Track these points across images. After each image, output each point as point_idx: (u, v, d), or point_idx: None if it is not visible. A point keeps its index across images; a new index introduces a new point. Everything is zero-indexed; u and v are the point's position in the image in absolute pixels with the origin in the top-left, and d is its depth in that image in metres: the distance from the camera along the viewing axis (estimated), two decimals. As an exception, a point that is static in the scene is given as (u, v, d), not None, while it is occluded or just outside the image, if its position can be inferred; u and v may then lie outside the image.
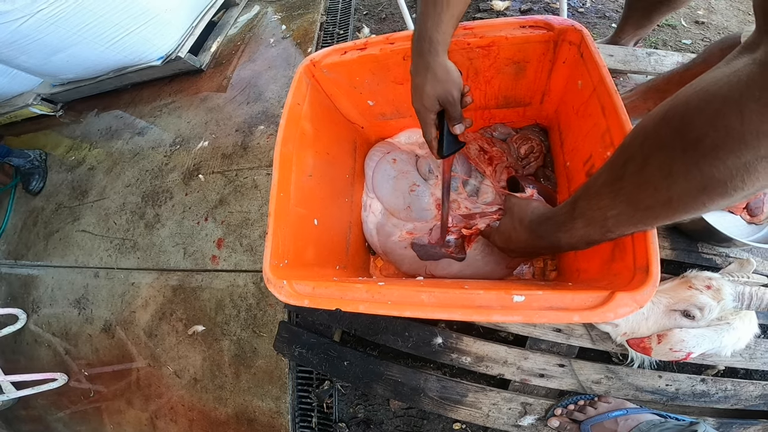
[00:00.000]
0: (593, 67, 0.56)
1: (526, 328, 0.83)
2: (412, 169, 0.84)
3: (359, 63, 0.70)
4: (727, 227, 0.70)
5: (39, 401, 1.56)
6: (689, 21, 1.25)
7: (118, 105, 1.80)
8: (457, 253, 0.75)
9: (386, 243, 0.82)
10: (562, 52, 0.63)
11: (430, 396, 0.87)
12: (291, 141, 0.66)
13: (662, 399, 0.80)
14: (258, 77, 1.50)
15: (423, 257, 0.79)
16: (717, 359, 0.80)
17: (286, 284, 0.56)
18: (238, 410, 1.17)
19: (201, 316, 1.25)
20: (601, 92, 0.55)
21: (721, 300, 0.65)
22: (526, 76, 0.70)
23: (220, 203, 1.34)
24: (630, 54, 0.98)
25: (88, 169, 1.70)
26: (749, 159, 0.29)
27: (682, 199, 0.35)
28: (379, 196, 0.85)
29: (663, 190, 0.36)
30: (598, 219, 0.44)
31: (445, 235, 0.77)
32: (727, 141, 0.30)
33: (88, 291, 1.48)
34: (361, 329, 0.92)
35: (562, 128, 0.74)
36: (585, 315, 0.45)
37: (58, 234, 1.64)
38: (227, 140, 1.43)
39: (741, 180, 0.31)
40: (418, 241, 0.79)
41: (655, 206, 0.38)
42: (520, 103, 0.77)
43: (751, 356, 0.79)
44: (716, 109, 0.30)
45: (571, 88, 0.65)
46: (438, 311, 0.49)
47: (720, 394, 0.79)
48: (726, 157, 0.30)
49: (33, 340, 1.58)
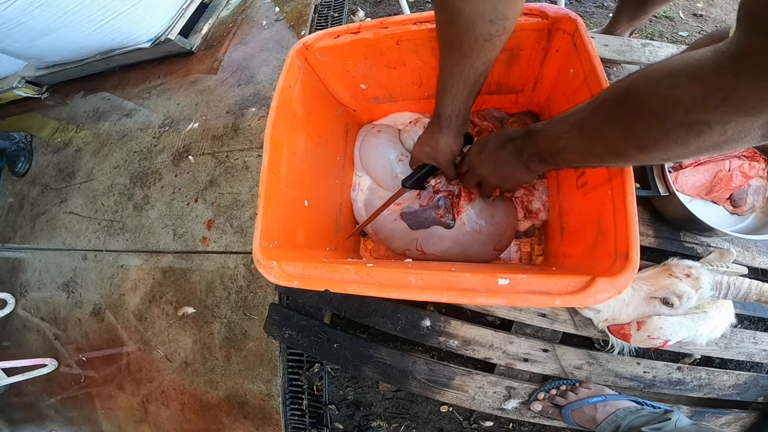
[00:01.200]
0: (585, 56, 0.57)
1: (512, 313, 0.85)
2: (397, 142, 0.85)
3: (352, 47, 0.70)
4: (709, 217, 0.71)
5: (30, 388, 1.55)
6: (687, 13, 1.25)
7: (105, 87, 1.76)
8: (446, 217, 0.76)
9: (376, 219, 0.83)
10: (556, 40, 0.63)
11: (418, 379, 0.89)
12: (282, 123, 0.66)
13: (640, 386, 0.82)
14: (250, 60, 1.48)
15: (413, 225, 0.79)
16: (693, 348, 0.82)
17: (275, 265, 0.56)
18: (230, 393, 1.18)
19: (191, 299, 1.25)
20: (591, 81, 0.56)
21: (700, 289, 0.67)
22: (519, 64, 0.70)
23: (211, 184, 1.33)
24: (625, 44, 0.98)
25: (74, 151, 1.67)
26: (666, 123, 0.36)
27: (612, 141, 0.43)
28: (366, 167, 0.86)
29: (602, 129, 0.44)
30: (554, 135, 0.52)
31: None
32: (652, 102, 0.36)
33: (76, 274, 1.46)
34: (351, 311, 0.94)
35: (553, 115, 0.74)
36: (566, 299, 0.47)
37: (45, 216, 1.61)
38: (218, 122, 1.41)
39: (654, 138, 0.38)
40: (407, 209, 0.80)
41: (593, 139, 0.46)
42: (513, 89, 0.78)
43: (726, 346, 0.82)
44: (659, 76, 0.36)
45: (563, 77, 0.65)
46: (425, 293, 0.50)
47: (695, 382, 0.82)
48: (647, 116, 0.37)
49: (22, 325, 1.56)
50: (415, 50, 0.69)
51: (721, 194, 0.78)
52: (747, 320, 0.87)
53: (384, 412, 1.03)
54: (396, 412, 1.02)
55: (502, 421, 0.95)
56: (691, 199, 0.81)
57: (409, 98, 0.84)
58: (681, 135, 0.35)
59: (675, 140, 0.36)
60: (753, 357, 0.82)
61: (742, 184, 0.77)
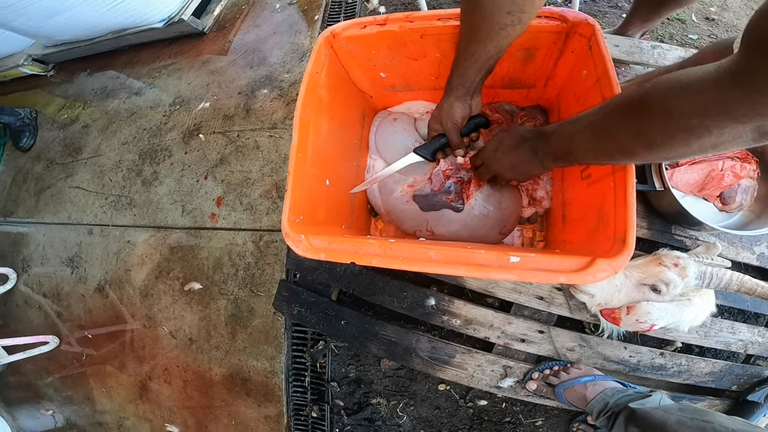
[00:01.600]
0: (600, 59, 0.61)
1: (512, 294, 0.91)
2: (412, 129, 0.89)
3: (378, 38, 0.73)
4: (699, 212, 0.78)
5: (28, 366, 1.55)
6: (700, 17, 1.27)
7: (113, 66, 1.75)
8: (455, 202, 0.81)
9: (389, 200, 0.88)
10: (572, 42, 0.67)
11: (421, 356, 0.94)
12: (310, 107, 0.69)
13: (625, 369, 0.89)
14: (262, 42, 1.49)
15: (424, 208, 0.84)
16: (676, 334, 0.88)
17: (303, 238, 0.60)
18: (233, 370, 1.21)
19: (198, 275, 1.27)
20: (604, 83, 0.60)
21: (686, 277, 0.72)
22: (534, 62, 0.74)
23: (221, 162, 1.35)
24: (635, 46, 1.02)
25: (81, 127, 1.67)
26: (671, 126, 0.42)
27: (624, 140, 0.49)
28: (381, 152, 0.90)
29: (614, 131, 0.50)
30: (567, 135, 0.57)
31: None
32: (662, 108, 0.42)
33: (81, 249, 1.47)
34: (359, 289, 0.98)
35: (562, 111, 0.79)
36: (569, 277, 0.52)
37: (50, 190, 1.61)
38: (229, 102, 1.42)
39: (661, 139, 0.44)
40: (419, 191, 0.85)
41: (606, 139, 0.51)
42: (525, 85, 0.82)
43: (706, 334, 0.88)
44: (670, 86, 0.42)
45: (576, 77, 0.70)
46: (444, 266, 0.54)
47: (675, 368, 0.88)
48: (655, 119, 0.43)
49: (23, 301, 1.56)
50: (437, 44, 0.73)
51: (712, 192, 0.84)
52: (727, 311, 0.93)
53: (384, 390, 1.08)
54: (395, 390, 1.07)
55: (496, 400, 1.01)
56: (684, 195, 0.87)
57: (425, 88, 0.88)
58: (684, 137, 0.42)
59: (679, 141, 0.43)
60: (730, 346, 0.88)
61: (733, 183, 0.83)
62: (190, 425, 1.29)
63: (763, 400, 0.87)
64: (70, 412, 1.52)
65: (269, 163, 1.29)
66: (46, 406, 1.55)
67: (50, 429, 1.57)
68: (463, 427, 1.03)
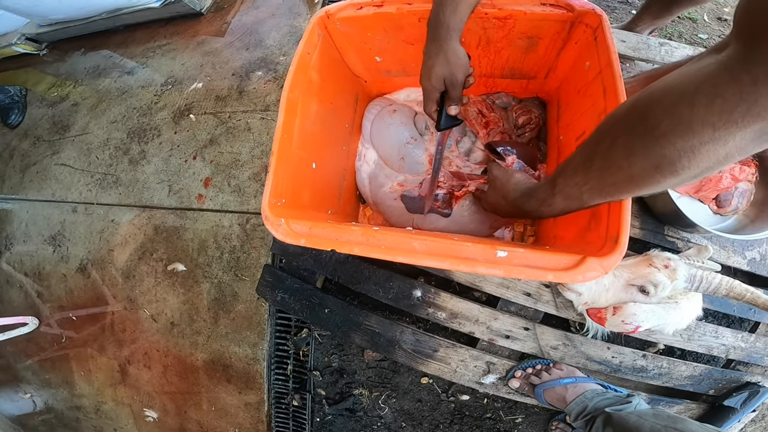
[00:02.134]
0: (604, 51, 0.59)
1: (499, 290, 0.90)
2: (410, 124, 0.87)
3: (374, 19, 0.71)
4: (694, 214, 0.76)
5: (7, 348, 1.53)
6: (712, 17, 1.24)
7: (107, 45, 1.71)
8: (443, 209, 0.79)
9: (377, 193, 0.86)
10: (577, 32, 0.65)
11: (404, 348, 0.93)
12: (298, 87, 0.67)
13: (607, 370, 0.88)
14: (260, 24, 1.46)
15: (411, 210, 0.83)
16: (660, 336, 0.88)
17: (283, 222, 0.58)
18: (214, 356, 1.20)
19: (182, 257, 1.25)
20: (606, 76, 0.58)
21: (675, 280, 0.71)
22: (536, 51, 0.72)
23: (211, 143, 1.33)
24: (642, 42, 1.00)
25: (71, 105, 1.63)
26: (695, 143, 0.35)
27: (641, 176, 0.41)
28: (375, 144, 0.88)
29: (625, 168, 0.41)
30: (575, 194, 0.50)
31: (433, 190, 0.82)
32: (678, 127, 0.35)
33: (64, 227, 1.44)
34: (344, 277, 0.96)
35: (561, 104, 0.78)
36: (558, 275, 0.51)
37: (36, 167, 1.58)
38: (222, 83, 1.39)
39: (687, 160, 0.36)
40: (408, 193, 0.83)
41: (619, 182, 0.44)
42: (525, 75, 0.80)
43: (690, 337, 0.88)
44: (673, 100, 0.35)
45: (578, 68, 0.68)
46: (428, 259, 0.53)
47: (656, 370, 0.88)
48: (676, 141, 0.36)
49: (5, 280, 1.53)
50: (434, 28, 0.71)
51: (708, 194, 0.83)
52: (712, 315, 0.93)
53: (366, 381, 1.07)
54: (378, 381, 1.06)
55: (477, 396, 1.00)
56: (679, 196, 0.86)
57: (422, 74, 0.86)
58: (710, 149, 0.36)
59: (706, 156, 0.36)
60: (712, 350, 0.88)
61: (730, 186, 0.82)
62: (169, 410, 1.28)
63: (739, 406, 0.87)
64: (48, 395, 1.51)
65: (260, 145, 1.26)
66: (25, 389, 1.54)
67: (28, 412, 1.56)
68: (444, 421, 1.02)
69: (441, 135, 0.77)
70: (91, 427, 1.44)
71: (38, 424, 1.55)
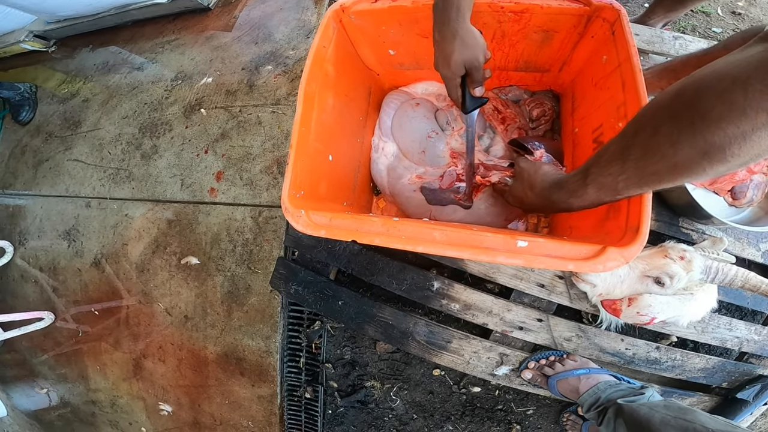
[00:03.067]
0: (623, 45, 0.59)
1: (513, 281, 0.90)
2: (432, 118, 0.87)
3: (389, 13, 0.71)
4: (709, 206, 0.76)
5: (23, 343, 1.55)
6: (726, 11, 1.23)
7: (116, 41, 1.72)
8: (465, 201, 0.80)
9: (396, 184, 0.87)
10: (594, 27, 0.65)
11: (418, 340, 0.94)
12: (315, 81, 0.68)
13: (620, 362, 0.89)
14: (268, 18, 1.46)
15: (431, 201, 0.83)
16: (674, 328, 0.88)
17: (303, 214, 0.59)
18: (228, 349, 1.21)
19: (196, 250, 1.26)
20: (625, 69, 0.58)
21: (691, 271, 0.72)
22: (551, 45, 0.72)
23: (222, 137, 1.33)
24: (656, 35, 1.00)
25: (82, 101, 1.64)
26: (747, 129, 0.35)
27: (686, 163, 0.40)
28: (396, 136, 0.88)
29: (669, 156, 0.40)
30: (609, 184, 0.48)
31: (472, 175, 0.80)
32: (730, 113, 0.35)
33: (78, 222, 1.46)
34: (358, 269, 0.97)
35: (576, 97, 0.77)
36: (578, 264, 0.51)
37: (48, 163, 1.59)
38: (232, 78, 1.40)
39: (738, 147, 0.36)
40: (428, 185, 0.83)
41: (660, 171, 0.43)
42: (539, 69, 0.80)
43: (704, 330, 0.88)
44: (725, 86, 0.35)
45: (594, 62, 0.68)
46: (449, 248, 0.53)
47: (669, 362, 0.88)
48: (727, 126, 0.35)
49: (19, 276, 1.55)
50: (449, 21, 0.70)
51: (723, 186, 0.83)
52: (725, 308, 0.93)
53: (378, 373, 1.08)
54: (390, 374, 1.07)
55: (489, 388, 1.01)
56: (694, 188, 0.86)
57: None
58: (763, 136, 0.35)
59: (758, 142, 0.36)
60: (725, 343, 0.88)
61: (746, 178, 0.82)
62: (183, 404, 1.30)
63: (752, 399, 0.87)
64: (64, 390, 1.53)
65: (271, 138, 1.27)
66: (41, 384, 1.56)
67: (45, 407, 1.58)
68: (455, 413, 1.03)
69: (469, 118, 0.74)
70: (106, 422, 1.46)
71: (54, 419, 1.58)
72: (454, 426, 1.03)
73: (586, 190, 0.52)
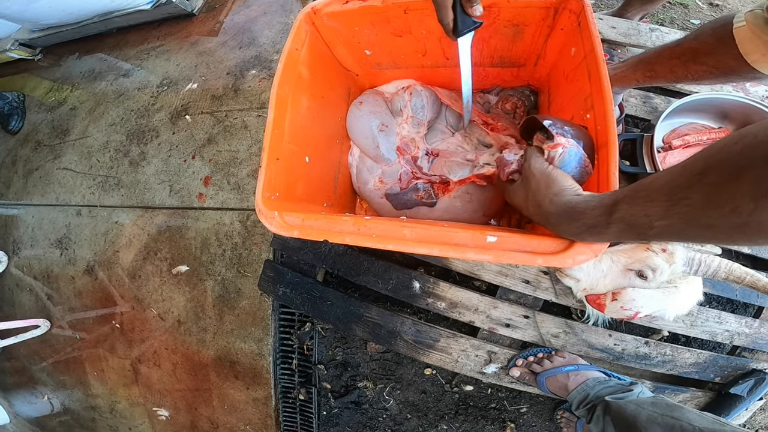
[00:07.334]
0: (587, 36, 0.59)
1: (498, 278, 0.90)
2: (381, 110, 0.86)
3: (360, 13, 0.70)
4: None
5: (22, 351, 1.56)
6: (704, 1, 1.23)
7: (101, 48, 1.73)
8: (426, 198, 0.79)
9: (364, 190, 0.87)
10: (562, 19, 0.64)
11: (406, 339, 0.93)
12: (287, 83, 0.67)
13: (609, 358, 0.88)
14: (252, 22, 1.46)
15: (397, 206, 0.83)
16: (662, 323, 0.87)
17: (277, 215, 0.59)
18: (221, 353, 1.22)
19: (186, 255, 1.27)
20: (590, 60, 0.58)
21: (673, 263, 0.71)
22: (523, 39, 0.72)
23: (209, 142, 1.34)
24: (633, 28, 1.00)
25: (69, 109, 1.65)
26: None
27: (764, 225, 0.29)
28: (352, 138, 0.88)
29: (745, 211, 0.30)
30: (641, 225, 0.39)
31: (470, 104, 0.76)
32: None
33: (70, 230, 1.47)
34: (344, 269, 0.97)
35: (552, 91, 0.77)
36: (547, 259, 0.50)
37: (38, 172, 1.60)
38: (217, 83, 1.40)
39: None
40: (390, 190, 0.83)
41: (720, 226, 0.32)
42: (515, 63, 0.80)
43: (693, 323, 0.87)
44: None
45: (565, 54, 0.67)
46: (418, 246, 0.53)
47: (659, 358, 0.87)
48: None
49: (15, 284, 1.56)
50: (421, 20, 0.70)
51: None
52: (715, 301, 0.92)
53: (370, 373, 1.08)
54: (382, 374, 1.07)
55: (481, 386, 1.01)
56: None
57: (413, 66, 0.85)
58: None
59: None
60: (716, 336, 0.87)
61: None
62: (180, 408, 1.31)
63: (746, 394, 0.85)
64: (64, 396, 1.54)
65: (257, 142, 1.28)
66: (41, 391, 1.57)
67: (46, 414, 1.60)
68: (449, 412, 1.03)
69: (461, 43, 0.64)
70: (107, 427, 1.47)
71: (56, 426, 1.59)
72: (448, 425, 1.03)
73: (608, 228, 0.42)
